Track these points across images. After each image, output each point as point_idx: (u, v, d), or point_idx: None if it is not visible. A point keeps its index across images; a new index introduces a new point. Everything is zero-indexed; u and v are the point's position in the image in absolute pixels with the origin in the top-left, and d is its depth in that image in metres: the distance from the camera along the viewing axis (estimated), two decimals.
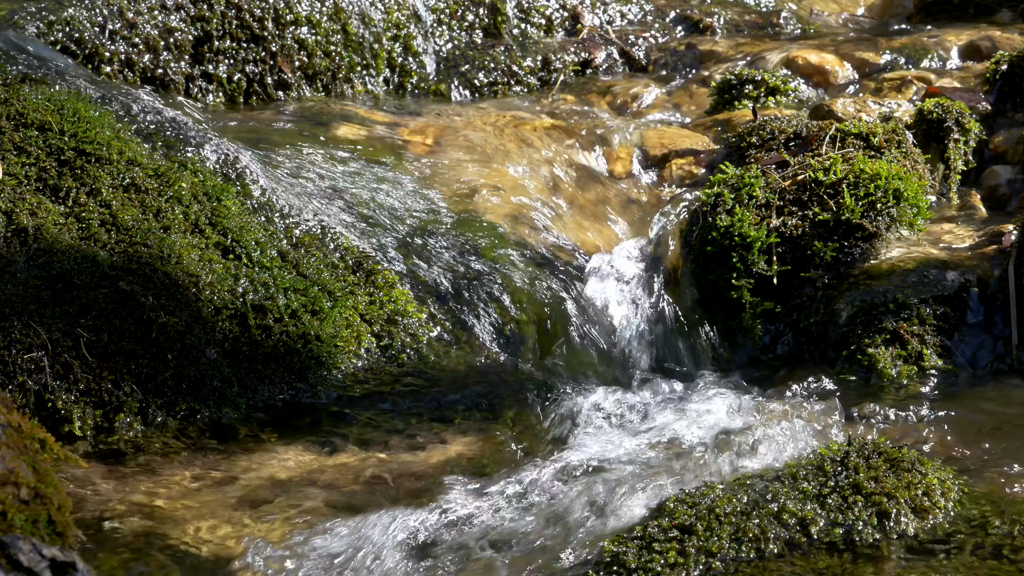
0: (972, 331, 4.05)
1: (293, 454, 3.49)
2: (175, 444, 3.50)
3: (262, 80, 5.01)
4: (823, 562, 2.95)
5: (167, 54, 4.86)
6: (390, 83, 5.31)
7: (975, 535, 3.03)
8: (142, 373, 3.56)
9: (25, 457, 2.54)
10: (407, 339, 3.92)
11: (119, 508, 3.21)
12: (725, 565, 2.93)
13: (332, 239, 4.01)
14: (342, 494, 3.31)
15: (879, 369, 3.95)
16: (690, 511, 3.01)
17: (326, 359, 3.79)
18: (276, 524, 3.17)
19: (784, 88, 5.22)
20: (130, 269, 3.65)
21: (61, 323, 3.50)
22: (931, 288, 4.08)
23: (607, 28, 5.87)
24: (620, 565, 2.92)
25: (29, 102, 3.87)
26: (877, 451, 3.18)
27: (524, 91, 5.48)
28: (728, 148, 4.71)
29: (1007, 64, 4.96)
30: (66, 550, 2.32)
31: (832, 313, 4.10)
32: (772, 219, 4.22)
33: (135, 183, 3.83)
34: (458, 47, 5.55)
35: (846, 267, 4.21)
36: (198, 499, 3.27)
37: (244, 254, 3.85)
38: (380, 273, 3.99)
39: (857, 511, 3.05)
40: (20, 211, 3.64)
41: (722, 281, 4.21)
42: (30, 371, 3.44)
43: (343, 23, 5.18)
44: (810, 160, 4.35)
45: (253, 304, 3.77)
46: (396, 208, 4.28)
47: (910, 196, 4.23)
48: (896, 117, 4.75)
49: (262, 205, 3.99)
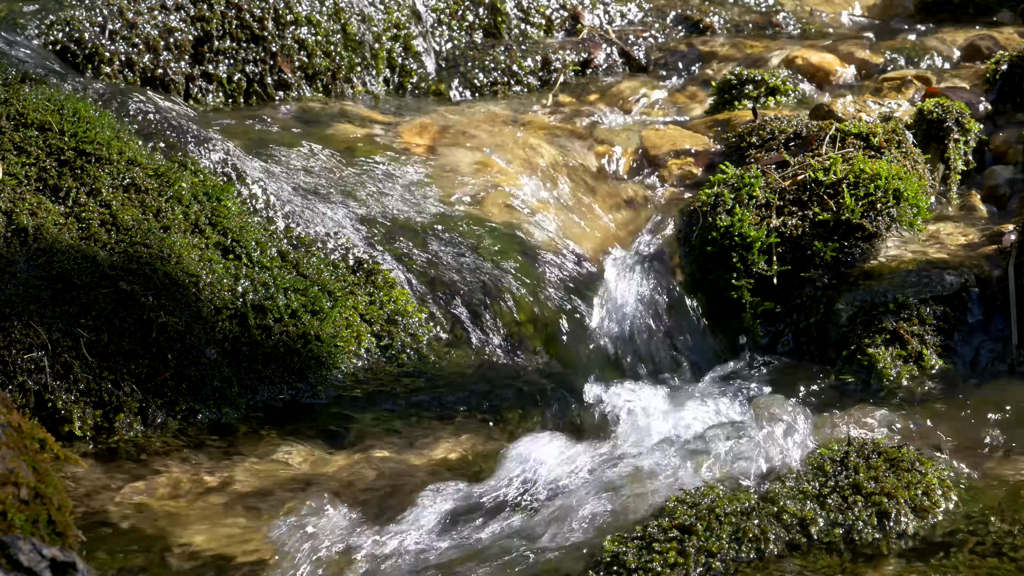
0: (972, 331, 4.05)
1: (293, 454, 3.49)
2: (175, 444, 3.50)
3: (262, 80, 5.01)
4: (823, 562, 2.95)
5: (167, 54, 4.86)
6: (390, 83, 5.31)
7: (975, 534, 3.03)
8: (142, 373, 3.56)
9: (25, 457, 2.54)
10: (407, 339, 3.92)
11: (119, 508, 3.22)
12: (725, 565, 2.93)
13: (332, 239, 4.01)
14: (342, 494, 3.31)
15: (879, 369, 3.95)
16: (690, 511, 3.01)
17: (326, 359, 3.79)
18: (276, 523, 3.16)
19: (784, 88, 5.22)
20: (130, 269, 3.65)
21: (61, 323, 3.50)
22: (931, 288, 4.08)
23: (607, 28, 5.87)
24: (620, 565, 2.92)
25: (29, 102, 3.87)
26: (877, 451, 3.18)
27: (524, 91, 5.48)
28: (728, 148, 4.71)
29: (1007, 64, 4.96)
30: (66, 550, 2.32)
31: (832, 313, 4.10)
32: (772, 219, 4.22)
33: (135, 183, 3.83)
34: (458, 47, 5.55)
35: (846, 267, 4.21)
36: (198, 499, 3.27)
37: (244, 254, 3.85)
38: (380, 273, 3.99)
39: (857, 511, 3.05)
40: (20, 211, 3.64)
41: (722, 281, 4.21)
42: (30, 371, 3.44)
43: (343, 23, 5.18)
44: (810, 160, 4.35)
45: (253, 304, 3.77)
46: (396, 208, 4.28)
47: (910, 196, 4.23)
48: (896, 117, 4.75)
49: (262, 205, 3.99)
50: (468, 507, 3.23)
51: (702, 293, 4.24)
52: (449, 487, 3.31)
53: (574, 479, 3.32)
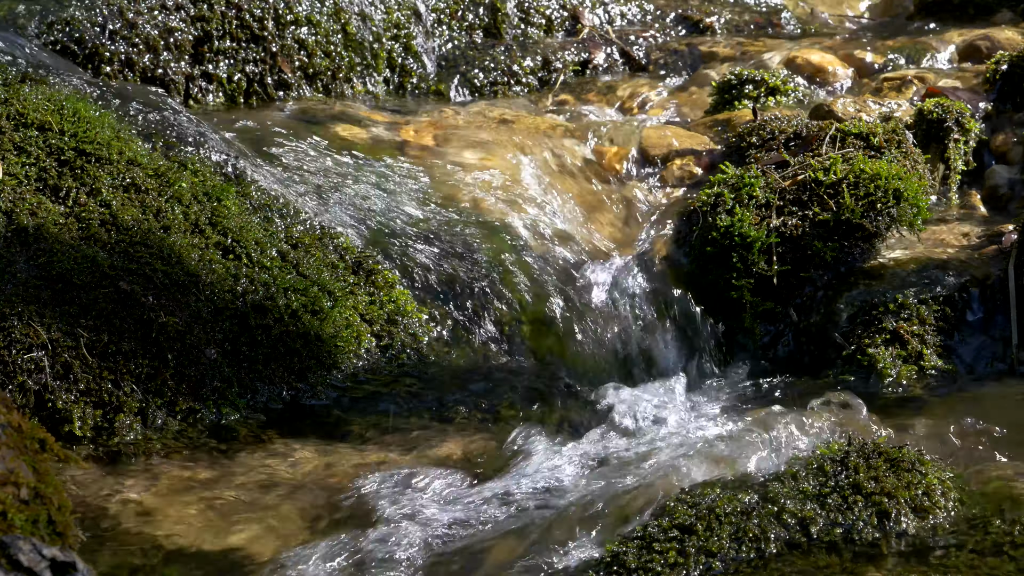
0: (972, 331, 4.05)
1: (293, 454, 3.49)
2: (175, 444, 3.50)
3: (262, 80, 5.01)
4: (823, 561, 2.95)
5: (167, 54, 4.86)
6: (390, 83, 5.31)
7: (975, 534, 3.03)
8: (142, 373, 3.56)
9: (25, 457, 2.54)
10: (407, 339, 3.92)
11: (119, 508, 3.22)
12: (725, 565, 2.93)
13: (332, 239, 4.01)
14: (343, 494, 3.31)
15: (879, 369, 3.95)
16: (690, 511, 3.01)
17: (326, 359, 3.79)
18: (276, 524, 3.17)
19: (784, 88, 5.22)
20: (130, 269, 3.65)
21: (61, 323, 3.50)
22: (931, 288, 4.08)
23: (607, 28, 5.87)
24: (620, 565, 2.92)
25: (29, 102, 3.87)
26: (877, 451, 3.18)
27: (524, 91, 5.49)
28: (728, 148, 4.71)
29: (1007, 64, 4.96)
30: (66, 550, 2.32)
31: (832, 313, 4.10)
32: (772, 219, 4.22)
33: (135, 183, 3.83)
34: (458, 47, 5.55)
35: (846, 267, 4.21)
36: (198, 499, 3.27)
37: (244, 254, 3.85)
38: (380, 273, 3.99)
39: (857, 511, 3.05)
40: (20, 211, 3.64)
41: (722, 281, 4.21)
42: (30, 371, 3.44)
43: (343, 23, 5.18)
44: (810, 160, 4.35)
45: (253, 304, 3.77)
46: (396, 207, 4.28)
47: (910, 196, 4.23)
48: (896, 117, 4.75)
49: (262, 205, 3.99)
50: (468, 507, 3.23)
51: (702, 293, 4.24)
52: (449, 487, 3.31)
53: (574, 478, 3.32)
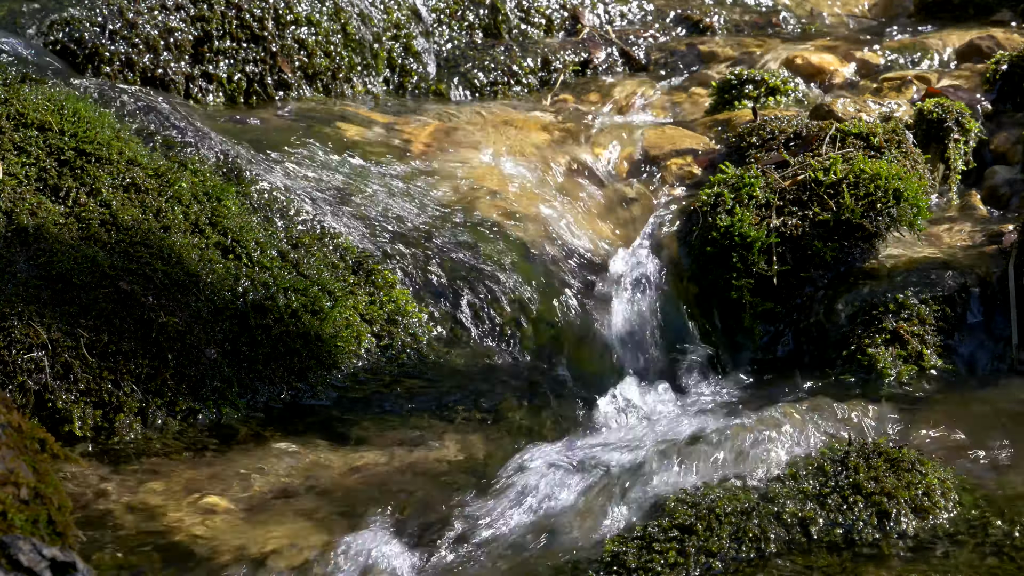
0: (972, 331, 4.05)
1: (293, 454, 3.49)
2: (175, 444, 3.50)
3: (262, 80, 5.01)
4: (823, 561, 2.95)
5: (167, 54, 4.86)
6: (390, 83, 5.31)
7: (975, 534, 3.03)
8: (142, 373, 3.56)
9: (25, 457, 2.54)
10: (407, 339, 3.92)
11: (119, 508, 3.22)
12: (725, 565, 2.93)
13: (332, 239, 4.01)
14: (343, 494, 3.31)
15: (879, 369, 3.95)
16: (690, 511, 3.01)
17: (326, 359, 3.79)
18: (276, 524, 3.17)
19: (784, 88, 5.22)
20: (130, 269, 3.65)
21: (61, 323, 3.50)
22: (931, 288, 4.08)
23: (607, 28, 5.87)
24: (620, 565, 2.92)
25: (29, 102, 3.87)
26: (877, 451, 3.18)
27: (524, 91, 5.49)
28: (728, 148, 4.71)
29: (1007, 64, 4.97)
30: (66, 550, 2.32)
31: (832, 313, 4.10)
32: (772, 219, 4.22)
33: (135, 183, 3.83)
34: (458, 47, 5.55)
35: (846, 267, 4.21)
36: (198, 499, 3.27)
37: (244, 254, 3.85)
38: (380, 273, 4.00)
39: (857, 511, 3.05)
40: (20, 211, 3.64)
41: (722, 281, 4.21)
42: (30, 371, 3.44)
43: (343, 23, 5.18)
44: (810, 160, 4.35)
45: (253, 304, 3.77)
46: (396, 207, 4.28)
47: (910, 196, 4.23)
48: (896, 117, 4.75)
49: (262, 205, 3.99)
50: (468, 506, 3.23)
51: (702, 293, 4.24)
52: (450, 487, 3.31)
53: (574, 478, 3.32)
